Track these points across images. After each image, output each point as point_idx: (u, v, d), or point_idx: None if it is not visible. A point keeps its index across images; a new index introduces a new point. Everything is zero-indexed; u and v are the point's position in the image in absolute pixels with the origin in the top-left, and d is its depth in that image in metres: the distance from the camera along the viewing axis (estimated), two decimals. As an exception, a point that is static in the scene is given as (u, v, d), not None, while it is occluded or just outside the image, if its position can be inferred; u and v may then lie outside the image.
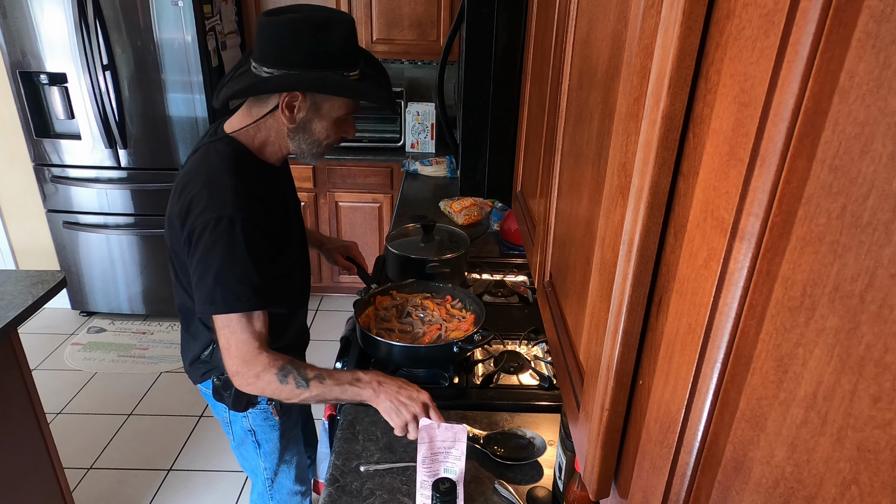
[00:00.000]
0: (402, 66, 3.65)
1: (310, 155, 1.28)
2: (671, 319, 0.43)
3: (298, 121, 1.21)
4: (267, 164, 1.29)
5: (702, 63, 0.39)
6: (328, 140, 1.26)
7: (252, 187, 1.19)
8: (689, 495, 0.40)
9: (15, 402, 1.72)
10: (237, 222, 1.13)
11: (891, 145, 0.23)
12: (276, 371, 1.16)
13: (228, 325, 1.16)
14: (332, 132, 1.25)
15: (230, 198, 1.14)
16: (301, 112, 1.20)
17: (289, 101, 1.18)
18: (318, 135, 1.24)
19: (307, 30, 1.13)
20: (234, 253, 1.13)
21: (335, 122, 1.24)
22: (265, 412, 1.44)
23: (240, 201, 1.14)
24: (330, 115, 1.22)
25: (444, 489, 0.97)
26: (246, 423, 1.45)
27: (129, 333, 3.32)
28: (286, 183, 1.41)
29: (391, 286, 1.67)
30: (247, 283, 1.14)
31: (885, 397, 0.24)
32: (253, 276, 1.15)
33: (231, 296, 1.14)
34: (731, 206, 0.34)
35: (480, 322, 1.50)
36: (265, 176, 1.27)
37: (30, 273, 1.81)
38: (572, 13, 0.76)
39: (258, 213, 1.17)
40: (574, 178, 0.73)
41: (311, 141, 1.25)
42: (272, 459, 1.53)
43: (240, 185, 1.16)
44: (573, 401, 0.66)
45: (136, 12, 2.79)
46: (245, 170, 1.21)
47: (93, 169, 3.09)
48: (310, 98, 1.19)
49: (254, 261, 1.15)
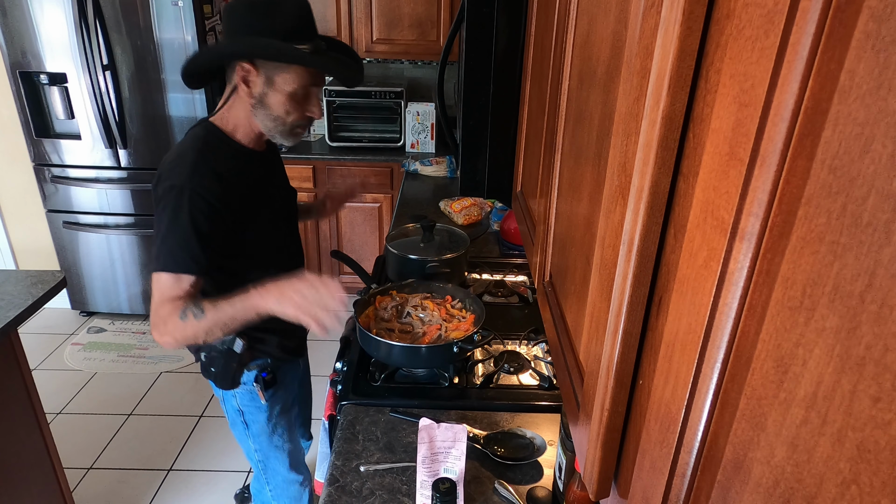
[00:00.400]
0: (402, 66, 3.65)
1: (277, 133, 1.31)
2: (671, 319, 0.43)
3: (256, 95, 1.26)
4: (241, 146, 1.34)
5: (702, 63, 0.39)
6: (291, 118, 1.29)
7: (216, 165, 1.25)
8: (689, 495, 0.40)
9: (15, 402, 1.72)
10: (186, 192, 1.20)
11: (891, 145, 0.23)
12: (178, 313, 1.20)
13: (158, 281, 1.22)
14: (291, 108, 1.27)
15: (187, 171, 1.22)
16: (257, 86, 1.25)
17: (244, 76, 1.24)
18: (278, 110, 1.27)
19: (260, 5, 1.21)
20: (177, 218, 1.20)
21: (291, 97, 1.26)
22: (251, 392, 1.47)
23: (195, 175, 1.21)
24: (284, 88, 1.25)
25: (444, 489, 0.97)
26: (235, 403, 1.49)
27: (129, 333, 3.32)
28: (266, 167, 1.42)
29: (391, 286, 1.67)
30: (184, 248, 1.21)
31: (885, 397, 0.24)
32: (191, 243, 1.21)
33: (167, 256, 1.21)
34: (731, 206, 0.34)
35: (480, 322, 1.50)
36: (236, 156, 1.32)
37: (30, 273, 1.81)
38: (572, 13, 0.76)
39: (212, 188, 1.22)
40: (574, 178, 0.74)
41: (273, 117, 1.28)
42: (260, 441, 1.55)
43: (200, 161, 1.23)
44: (573, 401, 0.66)
45: (136, 12, 2.79)
46: (212, 148, 1.27)
47: (93, 169, 3.09)
48: (262, 71, 1.23)
49: (195, 230, 1.20)
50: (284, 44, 1.20)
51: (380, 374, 1.48)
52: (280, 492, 1.65)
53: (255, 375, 1.46)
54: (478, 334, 1.44)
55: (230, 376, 1.40)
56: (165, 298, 1.21)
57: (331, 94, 3.29)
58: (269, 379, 1.47)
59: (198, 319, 1.19)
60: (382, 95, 3.31)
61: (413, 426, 1.32)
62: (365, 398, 1.42)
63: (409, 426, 1.34)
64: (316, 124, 3.51)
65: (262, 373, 1.46)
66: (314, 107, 1.31)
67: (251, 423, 1.52)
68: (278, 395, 1.54)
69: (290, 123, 1.29)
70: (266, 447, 1.56)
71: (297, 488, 1.67)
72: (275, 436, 1.57)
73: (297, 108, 1.28)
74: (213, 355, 1.39)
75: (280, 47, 1.20)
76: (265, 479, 1.63)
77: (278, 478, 1.63)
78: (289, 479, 1.64)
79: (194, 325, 1.19)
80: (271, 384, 1.49)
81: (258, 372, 1.46)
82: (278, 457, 1.59)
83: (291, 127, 1.30)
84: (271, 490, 1.65)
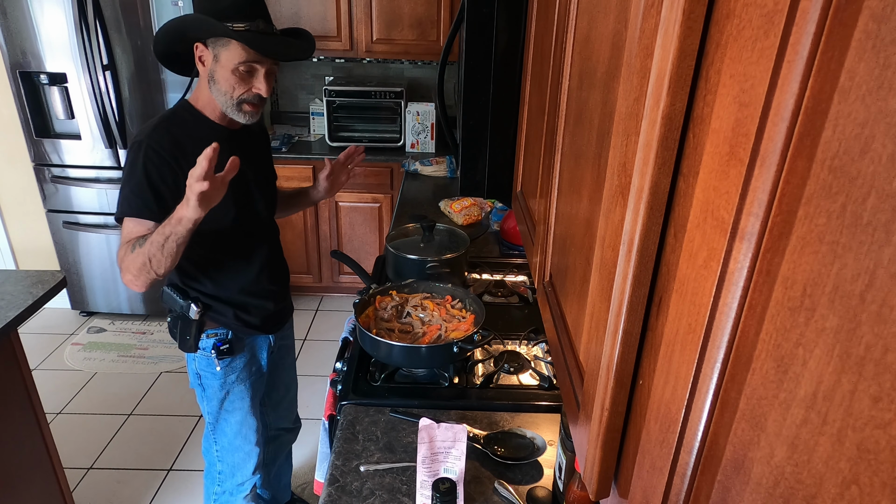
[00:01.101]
0: (402, 66, 3.65)
1: (229, 108, 1.42)
2: (671, 319, 0.43)
3: (209, 71, 1.39)
4: (209, 121, 1.47)
5: (702, 63, 0.39)
6: (238, 93, 1.39)
7: (176, 130, 1.40)
8: (689, 495, 0.40)
9: (15, 402, 1.72)
10: (143, 146, 1.35)
11: (891, 145, 0.23)
12: (130, 248, 1.33)
13: (124, 227, 1.38)
14: (236, 84, 1.38)
15: (148, 130, 1.38)
16: (208, 62, 1.38)
17: (199, 55, 1.38)
18: (224, 85, 1.39)
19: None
20: (134, 169, 1.35)
21: (235, 73, 1.37)
22: (208, 358, 1.58)
23: (154, 133, 1.37)
24: (227, 64, 1.36)
25: (444, 489, 0.97)
26: (194, 366, 1.61)
27: (129, 333, 3.32)
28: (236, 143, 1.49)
29: (391, 286, 1.67)
30: (138, 195, 1.35)
31: (885, 397, 0.24)
32: (144, 190, 1.34)
33: (123, 202, 1.37)
34: (731, 206, 0.34)
35: (480, 322, 1.50)
36: (200, 126, 1.45)
37: (30, 273, 1.81)
38: (572, 13, 0.76)
39: (166, 145, 1.36)
40: (574, 178, 0.74)
41: (222, 92, 1.40)
42: (212, 405, 1.65)
43: (162, 123, 1.40)
44: (573, 401, 0.66)
45: (136, 12, 2.79)
46: (177, 117, 1.44)
47: (93, 169, 3.09)
48: (211, 48, 1.36)
49: (147, 179, 1.34)
50: (220, 24, 1.32)
51: (380, 374, 1.48)
52: (225, 455, 1.73)
53: (213, 343, 1.57)
54: (478, 334, 1.44)
55: (188, 340, 1.54)
56: (124, 242, 1.36)
57: (331, 94, 3.29)
58: (224, 349, 1.58)
59: (143, 248, 1.30)
60: (382, 95, 3.31)
61: (413, 426, 1.32)
62: (365, 398, 1.42)
63: (409, 426, 1.34)
64: (316, 125, 3.51)
65: (218, 342, 1.57)
66: (260, 83, 1.40)
67: (206, 387, 1.63)
68: (234, 366, 1.62)
69: (236, 98, 1.40)
70: (216, 410, 1.67)
71: (240, 456, 1.73)
72: (226, 402, 1.66)
73: (241, 84, 1.39)
74: (175, 318, 1.54)
75: (212, 23, 1.32)
76: (213, 439, 1.73)
77: (224, 440, 1.71)
78: (234, 445, 1.71)
79: (140, 253, 1.31)
80: (226, 354, 1.58)
81: (215, 341, 1.57)
82: (227, 420, 1.68)
83: (238, 102, 1.41)
84: (218, 451, 1.74)
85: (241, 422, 1.69)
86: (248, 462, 1.74)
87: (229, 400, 1.65)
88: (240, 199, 1.51)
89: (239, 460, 1.74)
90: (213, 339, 1.57)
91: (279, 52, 1.41)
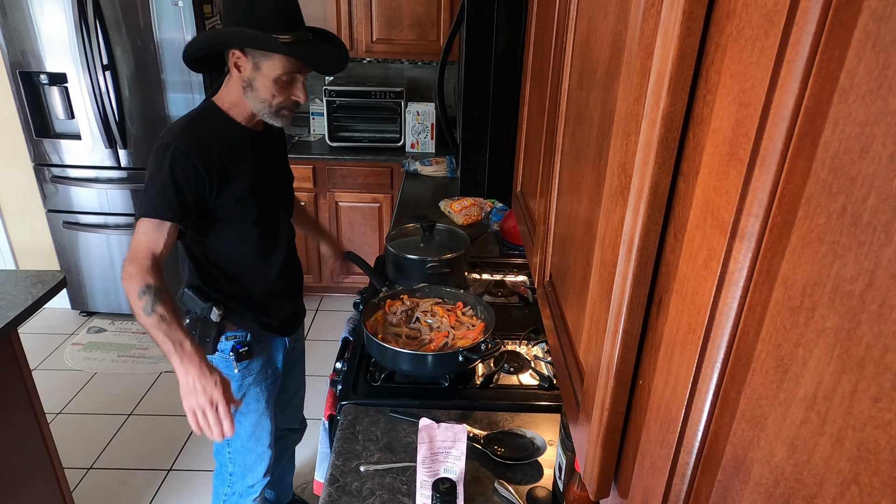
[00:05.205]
0: (402, 66, 3.65)
1: (266, 114, 1.43)
2: (671, 319, 0.43)
3: (246, 79, 1.38)
4: (235, 123, 1.46)
5: (702, 63, 0.39)
6: (277, 100, 1.40)
7: (203, 132, 1.39)
8: (689, 495, 0.40)
9: (15, 402, 1.72)
10: (171, 148, 1.34)
11: (891, 145, 0.23)
12: (142, 284, 1.29)
13: (140, 226, 1.34)
14: (277, 92, 1.39)
15: (176, 131, 1.37)
16: (246, 71, 1.37)
17: (235, 62, 1.37)
18: (264, 93, 1.39)
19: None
20: (160, 169, 1.33)
21: (277, 82, 1.38)
22: (225, 360, 1.56)
23: (181, 135, 1.36)
24: (269, 74, 1.36)
25: (444, 489, 0.97)
26: None
27: (129, 333, 3.32)
28: (260, 146, 1.52)
29: (402, 290, 1.67)
30: (163, 196, 1.33)
31: (885, 397, 0.24)
32: (169, 192, 1.33)
33: (146, 202, 1.34)
34: (731, 206, 0.34)
35: (489, 331, 1.50)
36: (226, 128, 1.44)
37: (30, 273, 1.81)
38: (572, 13, 0.76)
39: (194, 147, 1.35)
40: (574, 178, 0.73)
41: (261, 99, 1.40)
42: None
43: (189, 125, 1.38)
44: (573, 401, 0.66)
45: (136, 12, 2.79)
46: (204, 119, 1.43)
47: (93, 169, 3.08)
48: (251, 58, 1.35)
49: (172, 180, 1.33)
50: (265, 34, 1.31)
51: (380, 374, 1.48)
52: (237, 456, 1.72)
53: (232, 346, 1.56)
54: (485, 343, 1.43)
55: (207, 343, 1.51)
56: (142, 243, 1.32)
57: (331, 95, 3.29)
58: (243, 352, 1.57)
59: (144, 313, 1.28)
60: (382, 95, 3.30)
61: (413, 426, 1.32)
62: (365, 398, 1.42)
63: (409, 426, 1.34)
64: (316, 125, 3.51)
65: (237, 345, 1.56)
66: (299, 91, 1.43)
67: None
68: (251, 368, 1.61)
69: (275, 105, 1.41)
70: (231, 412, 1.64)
71: (252, 458, 1.72)
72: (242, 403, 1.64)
73: (281, 92, 1.40)
74: (195, 320, 1.51)
75: (262, 38, 1.32)
76: (227, 441, 1.71)
77: (237, 442, 1.70)
78: (247, 447, 1.70)
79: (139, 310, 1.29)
80: (245, 357, 1.57)
81: (234, 343, 1.56)
82: (241, 423, 1.67)
83: (277, 108, 1.42)
84: (230, 453, 1.72)
85: (256, 424, 1.68)
86: (260, 464, 1.73)
87: (245, 402, 1.64)
88: (261, 200, 1.51)
89: (251, 462, 1.72)
90: (233, 341, 1.56)
91: (327, 64, 1.44)
